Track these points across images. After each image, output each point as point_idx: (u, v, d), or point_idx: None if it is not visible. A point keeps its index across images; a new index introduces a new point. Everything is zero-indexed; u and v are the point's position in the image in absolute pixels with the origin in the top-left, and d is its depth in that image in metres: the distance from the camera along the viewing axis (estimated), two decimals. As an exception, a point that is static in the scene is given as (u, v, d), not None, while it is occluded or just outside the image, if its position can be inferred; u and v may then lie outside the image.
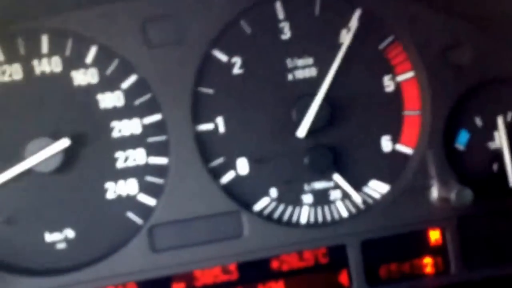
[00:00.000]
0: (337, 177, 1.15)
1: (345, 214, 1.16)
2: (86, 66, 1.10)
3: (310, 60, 1.14)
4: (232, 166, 1.14)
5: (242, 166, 1.14)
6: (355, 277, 1.15)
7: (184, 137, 1.11)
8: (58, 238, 1.11)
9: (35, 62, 1.09)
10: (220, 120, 1.13)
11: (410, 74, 1.16)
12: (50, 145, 1.06)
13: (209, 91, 1.13)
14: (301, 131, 1.11)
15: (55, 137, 1.07)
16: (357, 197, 1.15)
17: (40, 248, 1.11)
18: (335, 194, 1.16)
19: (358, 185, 1.16)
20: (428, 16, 1.13)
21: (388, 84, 1.15)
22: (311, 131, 1.11)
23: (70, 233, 1.12)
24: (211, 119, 1.13)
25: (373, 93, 1.15)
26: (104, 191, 1.12)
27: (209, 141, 1.13)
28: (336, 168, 1.14)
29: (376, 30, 1.14)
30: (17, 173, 1.06)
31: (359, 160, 1.16)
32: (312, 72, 1.14)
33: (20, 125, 1.09)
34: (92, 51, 1.10)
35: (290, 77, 1.14)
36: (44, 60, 1.10)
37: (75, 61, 1.10)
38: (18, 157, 1.07)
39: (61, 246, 1.12)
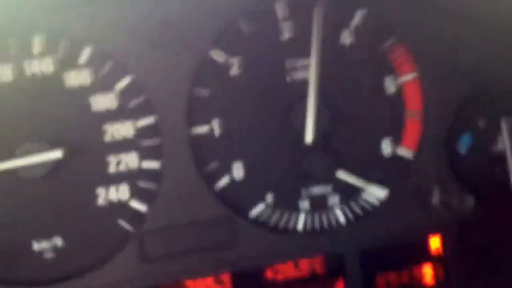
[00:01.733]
0: (342, 174, 1.11)
1: (342, 220, 1.14)
2: (79, 67, 1.07)
3: (307, 61, 1.10)
4: (227, 171, 1.11)
5: (238, 170, 1.11)
6: (352, 287, 1.12)
7: (178, 141, 1.08)
8: (46, 246, 1.08)
9: (26, 63, 1.06)
10: (215, 123, 1.10)
11: (412, 76, 1.13)
12: (41, 152, 1.03)
13: (205, 92, 1.10)
14: (308, 136, 1.09)
15: (46, 140, 1.04)
16: (370, 189, 1.12)
17: (27, 257, 1.07)
18: (333, 200, 1.13)
19: (356, 191, 1.13)
20: (431, 18, 1.12)
21: (390, 85, 1.13)
22: (316, 136, 1.09)
23: (58, 241, 1.08)
24: (206, 121, 1.10)
25: (374, 95, 1.13)
26: (95, 197, 1.08)
27: (204, 145, 1.10)
28: (335, 172, 1.11)
29: (379, 31, 1.12)
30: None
31: (358, 164, 1.13)
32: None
33: (9, 127, 1.06)
34: (86, 52, 1.07)
35: (288, 79, 1.11)
36: (36, 61, 1.07)
37: (67, 62, 1.07)
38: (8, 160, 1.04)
39: (49, 255, 1.08)
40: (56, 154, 1.03)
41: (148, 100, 1.08)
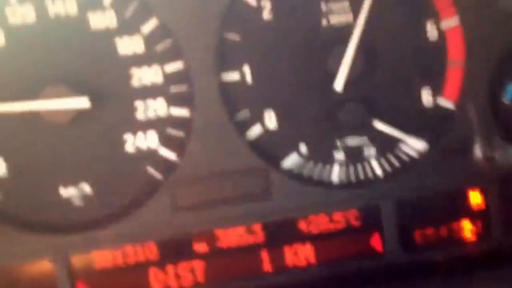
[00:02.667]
0: (380, 125, 1.07)
1: (379, 172, 1.10)
2: (103, 8, 1.03)
3: (346, 4, 1.05)
4: (259, 120, 1.08)
5: (270, 119, 1.08)
6: (389, 241, 1.10)
7: (208, 87, 1.04)
8: (73, 193, 1.07)
9: (48, 3, 1.02)
10: (247, 69, 1.06)
11: (455, 20, 1.06)
12: (66, 97, 1.00)
13: (236, 37, 1.05)
14: (338, 84, 1.04)
15: (72, 85, 1.01)
16: (409, 140, 1.08)
17: (55, 203, 1.06)
18: (369, 151, 1.09)
19: (394, 142, 1.09)
20: None
21: (431, 30, 1.07)
22: (347, 83, 1.04)
23: (86, 188, 1.07)
24: (237, 68, 1.06)
25: (414, 40, 1.07)
26: (123, 143, 1.06)
27: (234, 92, 1.06)
28: (372, 122, 1.07)
29: None
30: (22, 110, 1.00)
31: (396, 115, 1.08)
32: (348, 17, 1.06)
33: (34, 70, 1.03)
34: None
35: (324, 23, 1.06)
36: (59, 1, 1.02)
37: (91, 3, 1.03)
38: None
39: (77, 202, 1.07)
40: (82, 102, 1.00)
41: (175, 44, 1.04)
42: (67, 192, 1.06)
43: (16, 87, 1.02)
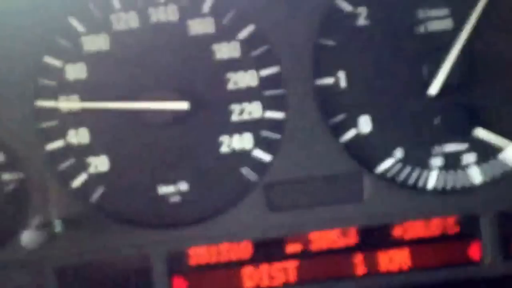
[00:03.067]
0: (481, 132, 1.03)
1: (478, 181, 1.07)
2: (202, 15, 1.06)
3: (445, 11, 1.03)
4: (354, 124, 1.07)
5: (365, 123, 1.07)
6: (487, 251, 1.06)
7: (303, 91, 1.05)
8: (171, 191, 1.10)
9: (151, 10, 1.07)
10: (341, 74, 1.06)
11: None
12: (166, 100, 1.04)
13: (331, 43, 1.05)
14: (433, 88, 1.02)
15: (171, 88, 1.05)
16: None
17: (153, 200, 1.10)
18: (468, 159, 1.06)
19: (495, 150, 1.05)
20: None
21: None
22: (444, 88, 1.01)
23: (183, 186, 1.10)
24: (332, 73, 1.06)
25: None
26: (219, 144, 1.09)
27: (329, 96, 1.06)
28: (473, 130, 1.03)
29: None
30: (125, 108, 1.05)
31: (498, 122, 1.04)
32: (447, 24, 1.03)
33: (136, 72, 1.07)
34: (209, 0, 1.06)
35: (421, 29, 1.04)
36: (161, 8, 1.07)
37: (191, 10, 1.07)
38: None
39: (175, 199, 1.10)
40: (182, 105, 1.04)
41: (271, 50, 1.05)
42: (165, 189, 1.10)
43: (119, 89, 1.07)
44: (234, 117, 1.08)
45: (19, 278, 1.10)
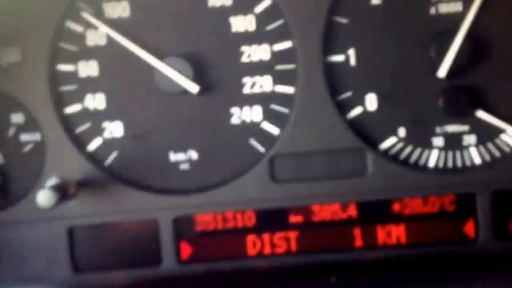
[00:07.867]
0: (482, 114, 1.06)
1: (477, 161, 1.10)
2: None
3: None
4: (360, 102, 1.10)
5: (371, 102, 1.10)
6: (482, 229, 1.09)
7: (313, 67, 1.08)
8: (182, 158, 1.13)
9: None
10: (352, 52, 1.09)
11: None
12: (182, 69, 1.06)
13: (344, 20, 1.08)
14: (442, 71, 1.05)
15: (187, 56, 1.07)
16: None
17: (164, 167, 1.13)
18: (469, 139, 1.09)
19: (496, 132, 1.08)
20: None
21: None
22: (451, 71, 1.04)
23: (193, 154, 1.13)
24: (342, 50, 1.09)
25: None
26: (229, 115, 1.12)
27: (338, 74, 1.09)
28: (474, 111, 1.07)
29: None
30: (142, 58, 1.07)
31: (499, 104, 1.07)
32: (457, 6, 1.06)
33: (154, 40, 1.10)
34: None
35: (432, 11, 1.07)
36: None
37: None
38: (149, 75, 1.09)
39: (184, 167, 1.13)
40: (193, 88, 1.07)
41: (286, 25, 1.08)
42: (176, 157, 1.13)
43: (137, 56, 1.09)
44: (246, 90, 1.11)
45: (31, 236, 1.12)
